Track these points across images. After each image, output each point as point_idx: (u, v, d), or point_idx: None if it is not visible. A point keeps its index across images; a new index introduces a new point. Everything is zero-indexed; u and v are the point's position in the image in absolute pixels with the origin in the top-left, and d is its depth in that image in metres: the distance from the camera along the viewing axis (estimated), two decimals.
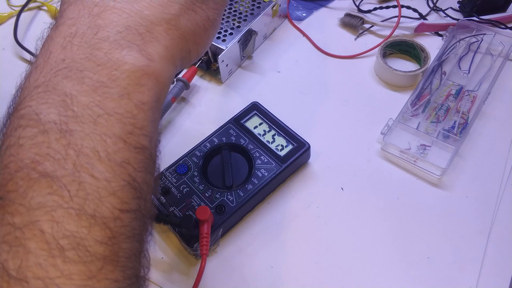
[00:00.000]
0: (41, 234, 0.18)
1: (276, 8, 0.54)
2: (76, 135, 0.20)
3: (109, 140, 0.20)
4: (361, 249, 0.39)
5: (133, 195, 0.21)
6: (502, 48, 0.51)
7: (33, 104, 0.20)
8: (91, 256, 0.19)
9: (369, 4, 0.58)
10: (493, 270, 0.37)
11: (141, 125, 0.22)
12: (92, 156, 0.20)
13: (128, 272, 0.20)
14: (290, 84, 0.51)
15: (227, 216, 0.38)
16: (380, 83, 0.51)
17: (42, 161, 0.19)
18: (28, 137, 0.20)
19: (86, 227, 0.19)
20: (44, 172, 0.19)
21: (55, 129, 0.20)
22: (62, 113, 0.20)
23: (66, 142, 0.19)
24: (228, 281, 0.37)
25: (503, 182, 0.42)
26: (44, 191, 0.19)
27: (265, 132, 0.43)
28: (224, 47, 0.49)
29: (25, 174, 0.19)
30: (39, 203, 0.18)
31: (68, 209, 0.19)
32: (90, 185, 0.19)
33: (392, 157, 0.44)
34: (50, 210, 0.18)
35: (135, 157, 0.21)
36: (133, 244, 0.21)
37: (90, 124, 0.20)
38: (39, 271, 0.18)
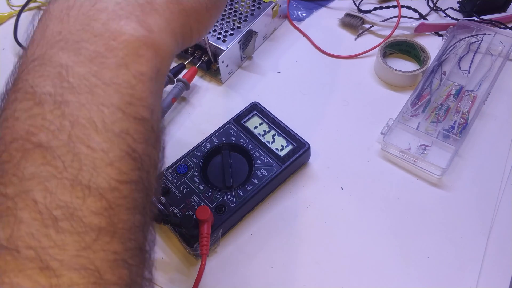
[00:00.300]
0: (34, 204, 0.18)
1: (276, 9, 0.54)
2: (72, 106, 0.19)
3: (106, 110, 0.20)
4: (361, 249, 0.39)
5: (133, 166, 0.20)
6: (502, 48, 0.51)
7: (29, 78, 0.20)
8: (85, 227, 0.18)
9: (369, 4, 0.59)
10: (493, 270, 0.37)
11: (140, 96, 0.21)
12: (88, 127, 0.19)
13: (129, 244, 0.20)
14: (290, 84, 0.51)
15: (227, 216, 0.38)
16: (380, 83, 0.51)
17: (37, 132, 0.19)
18: (23, 110, 0.19)
19: (80, 198, 0.18)
20: (38, 142, 0.19)
21: (50, 101, 0.19)
22: (57, 85, 0.20)
23: (60, 112, 0.19)
24: (228, 281, 0.37)
25: (503, 182, 0.42)
26: (37, 161, 0.18)
27: (265, 132, 0.43)
28: (225, 48, 0.49)
29: (20, 145, 0.19)
30: (32, 174, 0.18)
31: (62, 179, 0.18)
32: (86, 156, 0.19)
33: (392, 157, 0.44)
34: (43, 180, 0.18)
35: (134, 128, 0.21)
36: (135, 216, 0.20)
37: (86, 95, 0.20)
38: (31, 241, 0.17)
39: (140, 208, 0.21)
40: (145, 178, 0.21)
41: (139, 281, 0.21)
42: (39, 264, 0.17)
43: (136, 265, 0.20)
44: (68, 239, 0.18)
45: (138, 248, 0.21)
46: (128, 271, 0.20)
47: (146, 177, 0.21)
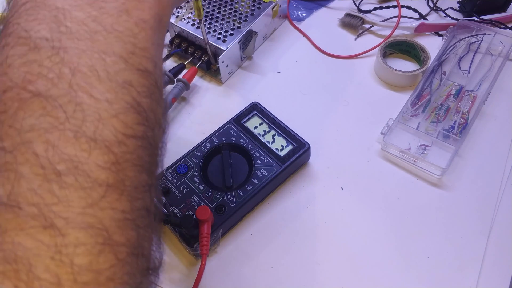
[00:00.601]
0: (35, 158, 0.16)
1: (276, 9, 0.54)
2: (71, 52, 0.18)
3: (108, 59, 0.18)
4: (361, 249, 0.39)
5: (138, 121, 0.19)
6: (502, 48, 0.51)
7: (21, 21, 0.18)
8: (92, 182, 0.17)
9: (369, 4, 0.59)
10: (493, 270, 0.37)
11: (143, 45, 0.20)
12: (90, 75, 0.18)
13: (136, 203, 0.18)
14: (290, 84, 0.51)
15: (227, 216, 0.38)
16: (380, 83, 0.51)
17: (34, 80, 0.17)
18: (17, 55, 0.18)
19: (86, 150, 0.17)
20: (37, 91, 0.17)
21: (47, 46, 0.18)
22: (54, 29, 0.18)
23: (59, 59, 0.18)
24: (228, 281, 0.37)
25: (503, 182, 0.42)
26: (37, 112, 0.17)
27: (265, 132, 0.43)
28: (225, 48, 0.49)
29: (15, 94, 0.17)
30: (31, 125, 0.16)
31: (64, 131, 0.17)
32: (89, 106, 0.17)
33: (392, 157, 0.44)
34: (44, 132, 0.16)
35: (138, 80, 0.19)
36: (141, 175, 0.19)
37: (86, 41, 0.18)
38: (33, 197, 0.16)
39: (146, 167, 0.19)
40: (150, 135, 0.20)
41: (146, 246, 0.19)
42: (42, 222, 0.16)
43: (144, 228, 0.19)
44: (74, 195, 0.16)
45: (146, 209, 0.19)
46: (136, 233, 0.18)
47: (151, 135, 0.20)
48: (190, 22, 0.53)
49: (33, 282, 0.15)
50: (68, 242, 0.16)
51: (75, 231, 0.16)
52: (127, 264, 0.17)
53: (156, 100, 0.21)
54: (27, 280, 0.15)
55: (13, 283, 0.15)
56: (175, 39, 0.53)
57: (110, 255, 0.17)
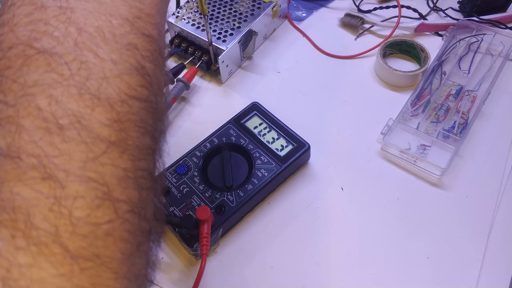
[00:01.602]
0: (37, 111, 0.16)
1: (276, 9, 0.54)
2: (78, 13, 0.18)
3: (114, 21, 0.19)
4: (361, 249, 0.39)
5: (142, 83, 0.19)
6: (502, 48, 0.51)
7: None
8: (94, 138, 0.17)
9: (369, 4, 0.59)
10: (493, 270, 0.37)
11: (148, 11, 0.20)
12: (96, 35, 0.18)
13: (138, 163, 0.18)
14: (290, 84, 0.51)
15: (227, 216, 0.38)
16: (380, 83, 0.51)
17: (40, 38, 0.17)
18: (23, 15, 0.18)
19: (89, 107, 0.17)
20: (42, 48, 0.17)
21: (54, 6, 0.18)
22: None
23: (66, 18, 0.18)
24: (228, 281, 0.37)
25: (503, 182, 0.42)
26: (41, 68, 0.17)
27: (265, 132, 0.43)
28: (225, 48, 0.49)
29: (20, 50, 0.17)
30: (35, 81, 0.16)
31: (68, 86, 0.17)
32: (94, 65, 0.17)
33: (392, 157, 0.44)
34: (48, 87, 0.16)
35: (143, 44, 0.19)
36: (144, 137, 0.19)
37: (93, 3, 0.18)
38: (34, 149, 0.16)
39: (150, 130, 0.19)
40: (153, 100, 0.20)
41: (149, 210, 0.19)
42: (42, 173, 0.16)
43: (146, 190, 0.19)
44: (75, 149, 0.16)
45: (148, 171, 0.19)
46: (138, 193, 0.18)
47: (154, 100, 0.20)
48: (190, 22, 0.53)
49: (31, 232, 0.15)
50: (67, 194, 0.16)
51: (74, 184, 0.16)
52: (126, 222, 0.17)
53: (159, 67, 0.21)
54: (25, 229, 0.15)
55: (10, 232, 0.15)
56: (175, 39, 0.53)
57: (109, 210, 0.17)
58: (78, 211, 0.16)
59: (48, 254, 0.15)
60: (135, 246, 0.18)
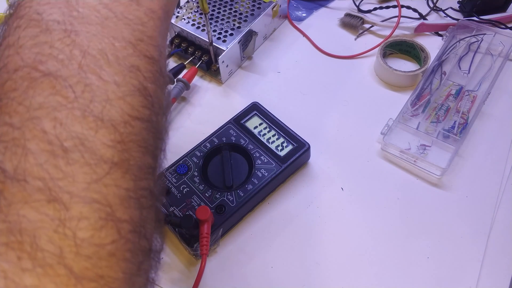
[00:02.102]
0: (42, 134, 0.17)
1: (276, 9, 0.54)
2: (82, 36, 0.18)
3: (118, 44, 0.19)
4: (361, 249, 0.39)
5: (144, 104, 0.20)
6: (502, 48, 0.51)
7: (34, 5, 0.19)
8: (97, 159, 0.17)
9: (369, 4, 0.59)
10: (493, 270, 0.37)
11: (150, 34, 0.21)
12: (100, 58, 0.18)
13: (140, 183, 0.19)
14: (290, 84, 0.51)
15: (227, 216, 0.38)
16: (380, 83, 0.51)
17: (45, 60, 0.18)
18: (29, 37, 0.18)
19: (92, 129, 0.17)
20: (47, 71, 0.17)
21: (59, 29, 0.18)
22: (66, 13, 0.19)
23: (70, 41, 0.18)
24: (228, 281, 0.37)
25: (503, 182, 0.42)
26: (46, 91, 0.17)
27: (265, 132, 0.43)
28: (225, 48, 0.49)
29: (26, 73, 0.17)
30: (40, 103, 0.17)
31: (72, 109, 0.17)
32: (98, 87, 0.18)
33: (392, 157, 0.44)
34: (52, 110, 0.17)
35: (145, 66, 0.20)
36: (145, 157, 0.20)
37: (97, 26, 0.19)
38: (39, 172, 0.16)
39: (151, 149, 0.20)
40: (155, 120, 0.20)
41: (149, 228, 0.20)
42: (47, 195, 0.16)
43: (147, 208, 0.19)
44: (79, 171, 0.17)
45: (149, 190, 0.20)
46: (139, 212, 0.19)
47: (155, 120, 0.21)
48: (190, 22, 0.53)
49: (36, 253, 0.15)
50: (71, 215, 0.16)
51: (79, 206, 0.16)
52: (129, 241, 0.18)
53: (161, 87, 0.21)
54: (31, 251, 0.15)
55: (17, 254, 0.15)
56: (175, 39, 0.53)
57: (112, 231, 0.17)
58: (82, 232, 0.16)
59: (53, 276, 0.15)
60: (137, 266, 0.18)
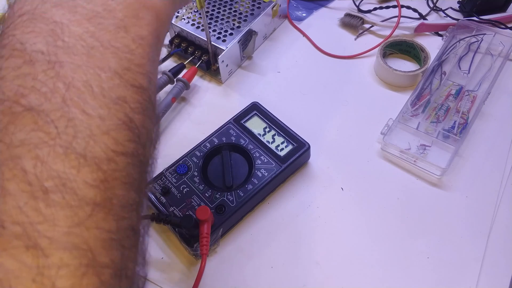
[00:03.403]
0: (23, 174, 0.16)
1: (276, 8, 0.54)
2: (67, 67, 0.18)
3: (103, 75, 0.18)
4: (361, 249, 0.39)
5: (129, 137, 0.19)
6: (502, 48, 0.51)
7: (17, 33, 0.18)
8: (79, 200, 0.16)
9: (369, 4, 0.58)
10: (493, 270, 0.37)
11: (139, 62, 0.20)
12: (84, 91, 0.18)
13: (122, 223, 0.18)
14: (290, 84, 0.51)
15: (227, 216, 0.38)
16: (380, 83, 0.51)
17: (27, 94, 0.17)
18: (11, 68, 0.17)
19: (75, 167, 0.16)
20: (29, 105, 0.17)
21: (43, 60, 0.18)
22: (50, 43, 0.18)
23: (54, 73, 0.17)
24: (228, 281, 0.37)
25: (503, 182, 0.42)
26: (28, 126, 0.16)
27: (265, 132, 0.43)
28: (224, 47, 0.49)
29: (7, 107, 0.17)
30: (22, 140, 0.16)
31: (54, 146, 0.16)
32: (81, 122, 0.17)
33: (392, 157, 0.44)
34: (34, 147, 0.16)
35: (132, 96, 0.19)
36: (129, 193, 0.19)
37: (82, 56, 0.18)
38: (18, 216, 0.15)
39: (135, 185, 0.19)
40: (141, 152, 0.20)
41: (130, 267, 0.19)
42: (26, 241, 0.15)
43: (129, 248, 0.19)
44: (60, 214, 0.16)
45: (132, 229, 0.19)
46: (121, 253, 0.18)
47: (142, 152, 0.20)
48: (190, 22, 0.53)
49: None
50: (51, 263, 0.15)
51: (59, 252, 0.16)
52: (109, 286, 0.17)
53: (149, 116, 0.21)
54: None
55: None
56: (175, 39, 0.53)
57: (93, 277, 0.16)
58: (62, 281, 0.15)
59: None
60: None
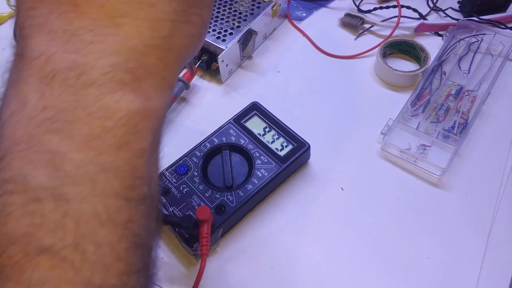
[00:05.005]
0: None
1: (276, 8, 0.54)
2: (72, 201, 0.18)
3: (109, 200, 0.18)
4: (361, 249, 0.39)
5: (139, 255, 0.20)
6: (502, 48, 0.51)
7: (16, 164, 0.18)
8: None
9: (369, 4, 0.58)
10: (493, 270, 0.37)
11: (141, 174, 0.20)
12: (93, 222, 0.18)
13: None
14: (290, 84, 0.51)
15: (227, 216, 0.38)
16: (380, 83, 0.51)
17: (37, 234, 0.17)
18: (17, 205, 0.17)
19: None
20: (41, 246, 0.17)
21: (48, 196, 0.17)
22: (52, 175, 0.18)
23: (62, 211, 0.17)
24: (228, 281, 0.37)
25: (503, 182, 0.42)
26: (44, 265, 0.17)
27: (265, 132, 0.43)
28: (224, 47, 0.49)
29: (19, 248, 0.17)
30: (40, 279, 0.17)
31: (75, 284, 0.17)
32: (94, 254, 0.18)
33: (392, 157, 0.44)
34: (54, 286, 0.17)
35: (137, 211, 0.20)
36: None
37: (86, 185, 0.18)
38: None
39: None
40: (148, 261, 0.21)
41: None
42: None
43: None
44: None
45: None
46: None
47: (148, 260, 0.21)
48: None
49: None
50: None
51: None
52: None
53: (154, 218, 0.21)
54: None
55: None
56: None
57: None
58: None
59: None
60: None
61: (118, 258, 0.18)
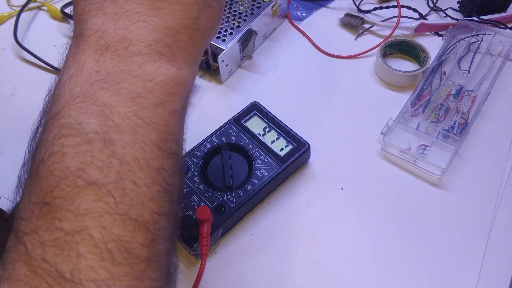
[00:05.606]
0: (90, 239, 0.19)
1: (276, 8, 0.54)
2: (118, 144, 0.21)
3: (147, 148, 0.22)
4: (361, 249, 0.39)
5: (168, 199, 0.22)
6: (502, 48, 0.51)
7: (73, 114, 0.21)
8: (135, 258, 0.20)
9: (369, 4, 0.58)
10: (493, 270, 0.37)
11: (172, 131, 0.23)
12: (133, 164, 0.21)
13: (164, 270, 0.22)
14: (290, 84, 0.51)
15: (227, 216, 0.38)
16: (380, 83, 0.51)
17: (87, 169, 0.20)
18: (71, 146, 0.21)
19: (130, 231, 0.20)
20: (90, 180, 0.20)
21: (98, 139, 0.21)
22: (102, 123, 0.21)
23: (109, 151, 0.21)
24: (228, 281, 0.37)
25: (503, 182, 0.42)
26: (90, 197, 0.20)
27: (265, 132, 0.43)
28: (224, 47, 0.49)
29: (71, 181, 0.20)
30: (86, 209, 0.19)
31: (114, 215, 0.20)
32: (132, 192, 0.21)
33: (392, 157, 0.44)
34: (97, 216, 0.19)
35: (168, 162, 0.23)
36: (167, 245, 0.22)
37: (129, 133, 0.21)
38: (91, 274, 0.19)
39: (170, 236, 0.23)
40: (174, 208, 0.23)
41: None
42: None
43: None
44: (122, 271, 0.19)
45: (170, 274, 0.23)
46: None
47: (174, 207, 0.23)
48: None
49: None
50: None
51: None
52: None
53: (179, 174, 0.24)
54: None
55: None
56: None
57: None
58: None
59: None
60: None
61: (151, 198, 0.21)
